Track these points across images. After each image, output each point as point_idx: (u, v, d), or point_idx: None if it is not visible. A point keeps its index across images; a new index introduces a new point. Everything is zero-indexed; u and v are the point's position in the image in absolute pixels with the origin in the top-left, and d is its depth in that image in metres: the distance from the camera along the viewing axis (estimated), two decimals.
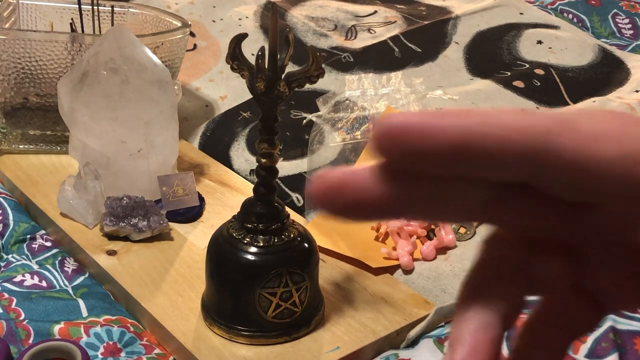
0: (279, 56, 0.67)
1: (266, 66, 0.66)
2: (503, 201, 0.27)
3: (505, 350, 0.65)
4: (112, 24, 1.10)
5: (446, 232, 0.86)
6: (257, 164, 0.71)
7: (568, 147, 0.24)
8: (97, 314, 0.77)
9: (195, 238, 0.88)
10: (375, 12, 1.48)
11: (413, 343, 0.73)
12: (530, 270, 0.28)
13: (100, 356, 0.71)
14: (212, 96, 1.21)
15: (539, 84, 1.25)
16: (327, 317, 0.75)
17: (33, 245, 0.89)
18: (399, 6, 1.51)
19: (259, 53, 0.66)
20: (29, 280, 0.81)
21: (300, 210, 0.96)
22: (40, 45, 0.98)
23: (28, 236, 0.90)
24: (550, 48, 1.35)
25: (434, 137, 0.25)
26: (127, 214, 0.86)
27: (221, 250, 0.72)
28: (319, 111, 1.11)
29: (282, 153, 1.04)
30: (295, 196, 0.98)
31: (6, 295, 0.77)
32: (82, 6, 1.08)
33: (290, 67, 0.65)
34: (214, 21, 1.38)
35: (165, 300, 0.77)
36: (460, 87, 1.23)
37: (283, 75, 0.67)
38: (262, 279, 0.70)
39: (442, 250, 0.86)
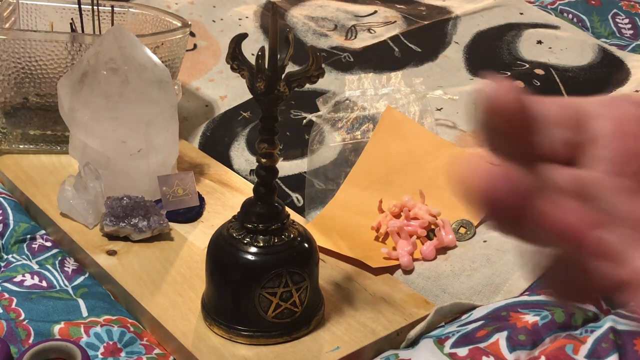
0: (279, 56, 0.67)
1: (266, 66, 0.66)
2: None
3: (506, 350, 0.65)
4: (112, 24, 1.10)
5: (446, 232, 0.86)
6: (257, 164, 0.71)
7: None
8: (97, 314, 0.77)
9: (195, 238, 0.88)
10: (375, 12, 1.48)
11: (413, 343, 0.72)
12: None
13: (100, 356, 0.71)
14: (212, 96, 1.21)
15: (539, 84, 1.25)
16: (327, 317, 0.75)
17: (33, 245, 0.89)
18: (399, 6, 1.51)
19: (259, 53, 0.66)
20: (29, 280, 0.81)
21: (300, 210, 0.96)
22: (40, 45, 0.98)
23: (28, 236, 0.90)
24: (550, 48, 1.35)
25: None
26: (127, 214, 0.86)
27: (221, 250, 0.72)
28: (319, 111, 1.11)
29: (282, 153, 1.04)
30: (295, 196, 0.98)
31: (6, 295, 0.77)
32: (82, 6, 1.08)
33: (290, 67, 0.65)
34: (214, 21, 1.38)
35: (165, 300, 0.77)
36: (460, 87, 1.23)
37: (283, 75, 0.67)
38: (262, 279, 0.70)
39: (442, 250, 0.86)
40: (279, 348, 0.72)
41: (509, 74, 1.27)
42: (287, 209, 0.75)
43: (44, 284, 0.81)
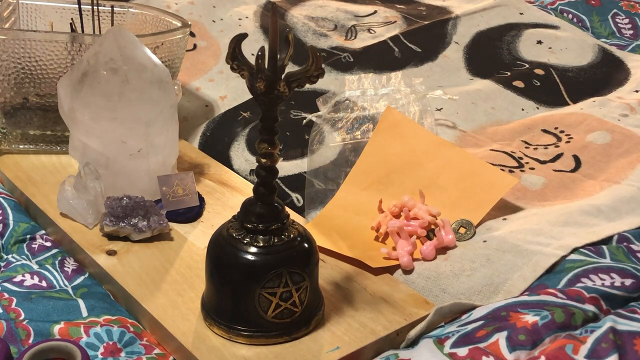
0: (279, 56, 0.67)
1: (266, 66, 0.66)
2: None
3: (505, 350, 0.66)
4: (112, 24, 1.10)
5: (446, 232, 0.86)
6: (257, 164, 0.71)
7: None
8: (97, 314, 0.77)
9: (195, 238, 0.88)
10: (375, 12, 1.48)
11: (413, 343, 0.73)
12: None
13: (100, 356, 0.71)
14: (212, 96, 1.21)
15: (539, 84, 1.25)
16: (327, 317, 0.76)
17: (33, 245, 0.89)
18: (399, 6, 1.51)
19: (259, 53, 0.66)
20: (29, 280, 0.81)
21: (300, 210, 0.96)
22: (40, 45, 0.98)
23: (28, 236, 0.90)
24: (550, 48, 1.35)
25: None
26: (127, 214, 0.86)
27: (221, 250, 0.72)
28: (319, 111, 1.11)
29: (282, 153, 1.04)
30: (295, 196, 0.98)
31: (6, 295, 0.77)
32: (82, 6, 1.08)
33: (290, 67, 0.65)
34: (214, 21, 1.38)
35: (165, 300, 0.78)
36: (460, 87, 1.23)
37: (283, 75, 0.67)
38: (262, 279, 0.70)
39: (442, 250, 0.86)
40: (279, 348, 0.72)
41: (509, 74, 1.27)
42: (287, 209, 0.75)
43: (44, 284, 0.81)
